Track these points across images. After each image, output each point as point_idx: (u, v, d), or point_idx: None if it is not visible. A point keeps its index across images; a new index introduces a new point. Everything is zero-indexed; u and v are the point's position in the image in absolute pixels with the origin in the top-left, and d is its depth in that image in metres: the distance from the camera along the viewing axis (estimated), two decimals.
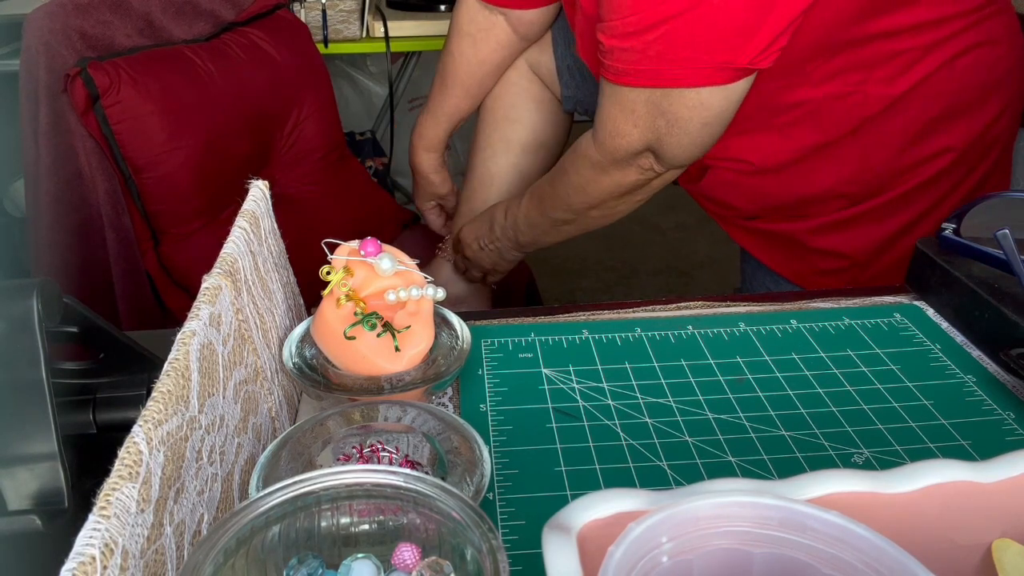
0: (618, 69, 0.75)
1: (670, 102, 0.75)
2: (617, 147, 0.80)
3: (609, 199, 0.88)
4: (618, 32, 0.73)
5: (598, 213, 0.91)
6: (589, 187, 0.87)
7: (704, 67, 0.72)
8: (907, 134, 0.84)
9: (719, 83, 0.73)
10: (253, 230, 0.51)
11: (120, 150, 1.01)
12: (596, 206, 0.89)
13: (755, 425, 0.54)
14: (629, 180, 0.84)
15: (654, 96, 0.75)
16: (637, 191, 0.86)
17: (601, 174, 0.85)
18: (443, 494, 0.34)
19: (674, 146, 0.78)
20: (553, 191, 0.92)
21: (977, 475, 0.34)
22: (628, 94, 0.76)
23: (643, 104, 0.76)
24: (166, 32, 1.12)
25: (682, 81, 0.73)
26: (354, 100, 2.05)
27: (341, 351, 0.53)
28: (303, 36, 1.31)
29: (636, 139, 0.78)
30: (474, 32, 1.05)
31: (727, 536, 0.30)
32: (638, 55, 0.73)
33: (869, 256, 0.91)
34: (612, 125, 0.79)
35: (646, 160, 0.81)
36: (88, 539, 0.28)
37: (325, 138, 1.32)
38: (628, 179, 0.84)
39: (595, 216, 0.91)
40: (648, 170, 0.82)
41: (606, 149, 0.81)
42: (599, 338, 0.63)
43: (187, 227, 1.11)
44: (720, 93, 0.74)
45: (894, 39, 0.80)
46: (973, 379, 0.58)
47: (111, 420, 0.49)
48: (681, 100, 0.74)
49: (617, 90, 0.77)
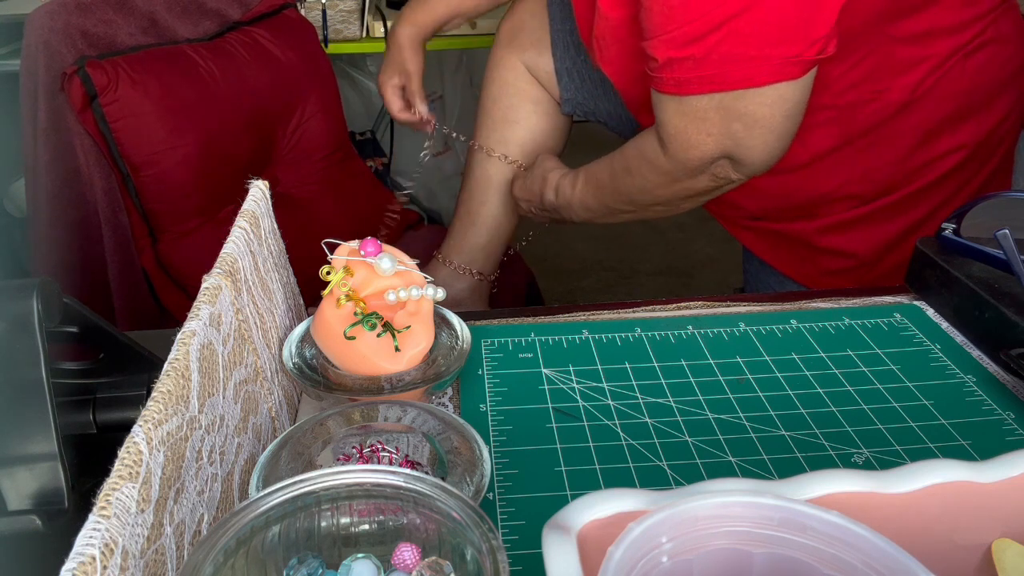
0: (680, 79, 0.73)
1: (745, 103, 0.73)
2: (690, 158, 0.78)
3: (675, 201, 0.86)
4: (676, 42, 0.71)
5: (662, 209, 0.89)
6: (656, 191, 0.85)
7: (774, 63, 0.70)
8: (920, 133, 0.85)
9: (790, 78, 0.71)
10: (253, 230, 0.51)
11: (118, 148, 1.01)
12: (658, 205, 0.88)
13: (755, 425, 0.54)
14: (700, 187, 0.82)
15: (725, 100, 0.73)
16: (707, 194, 0.85)
17: (672, 182, 0.83)
18: (443, 494, 0.34)
19: (758, 146, 0.75)
20: (613, 186, 0.90)
21: (977, 475, 0.34)
22: (695, 103, 0.74)
23: (714, 110, 0.74)
24: (170, 31, 1.12)
25: (751, 81, 0.71)
26: (354, 100, 2.05)
27: (341, 351, 0.53)
28: (309, 35, 1.31)
29: (712, 148, 0.76)
30: None
31: (727, 536, 0.30)
32: (699, 61, 0.71)
33: (876, 255, 0.92)
34: (683, 137, 0.77)
35: (721, 168, 0.79)
36: (88, 539, 0.28)
37: (329, 138, 1.32)
38: (700, 185, 0.82)
39: (658, 211, 0.90)
40: (722, 178, 0.80)
41: (679, 161, 0.79)
42: (599, 338, 0.63)
43: (185, 225, 1.11)
44: (794, 86, 0.72)
45: (917, 44, 0.80)
46: (973, 379, 0.58)
47: (111, 420, 0.49)
48: (758, 99, 0.72)
49: (682, 101, 0.75)
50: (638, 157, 0.86)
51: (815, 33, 0.70)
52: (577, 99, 1.06)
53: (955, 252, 0.65)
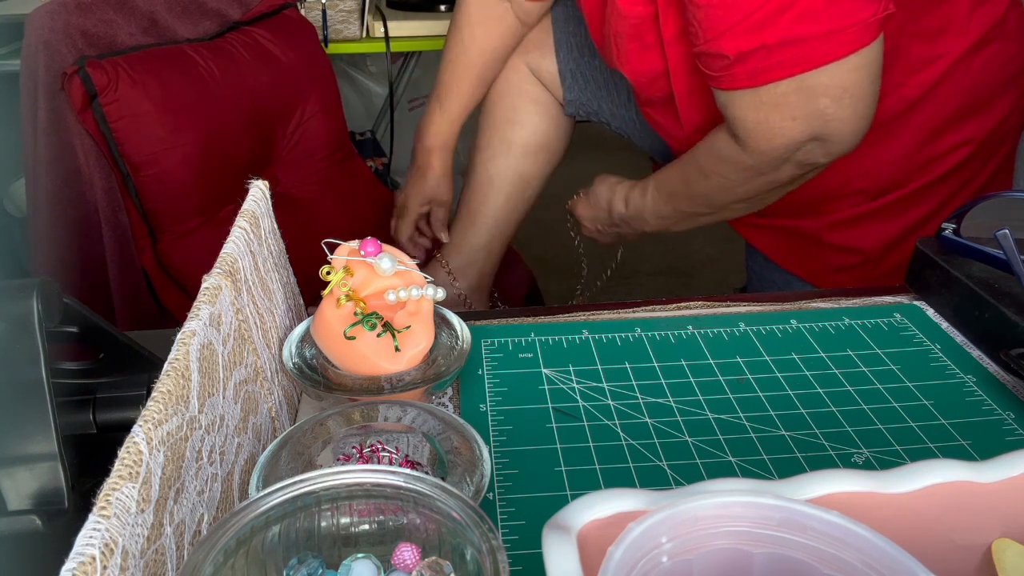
0: (754, 70, 0.71)
1: (829, 77, 0.70)
2: (776, 148, 0.76)
3: (759, 195, 0.84)
4: (743, 32, 0.70)
5: (743, 207, 0.87)
6: (738, 188, 0.83)
7: (850, 31, 0.68)
8: (927, 129, 0.85)
9: (868, 42, 0.69)
10: (253, 230, 0.51)
11: (118, 148, 1.01)
12: (743, 200, 0.86)
13: (755, 425, 0.54)
14: (784, 177, 0.80)
15: (806, 80, 0.71)
16: (790, 184, 0.83)
17: (755, 176, 0.81)
18: (443, 494, 0.34)
19: (848, 119, 0.73)
20: (688, 191, 0.88)
21: (977, 475, 0.34)
22: (774, 90, 0.72)
23: (794, 93, 0.72)
24: (170, 31, 1.12)
25: (831, 54, 0.69)
26: (354, 100, 2.05)
27: (341, 351, 0.53)
28: (309, 35, 1.31)
29: (798, 132, 0.74)
30: (485, 20, 1.04)
31: (727, 536, 0.30)
32: (772, 48, 0.69)
33: (881, 252, 0.92)
34: (766, 128, 0.75)
35: (808, 153, 0.76)
36: (88, 539, 0.28)
37: (329, 138, 1.32)
38: (784, 176, 0.80)
39: (738, 209, 0.88)
40: (808, 164, 0.78)
41: (762, 153, 0.77)
42: (599, 338, 0.63)
43: (185, 225, 1.11)
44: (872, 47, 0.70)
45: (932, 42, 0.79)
46: (973, 379, 0.58)
47: (111, 420, 0.49)
48: (843, 68, 0.70)
49: (758, 92, 0.73)
50: (713, 158, 0.83)
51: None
52: (581, 100, 1.06)
53: (955, 252, 0.65)
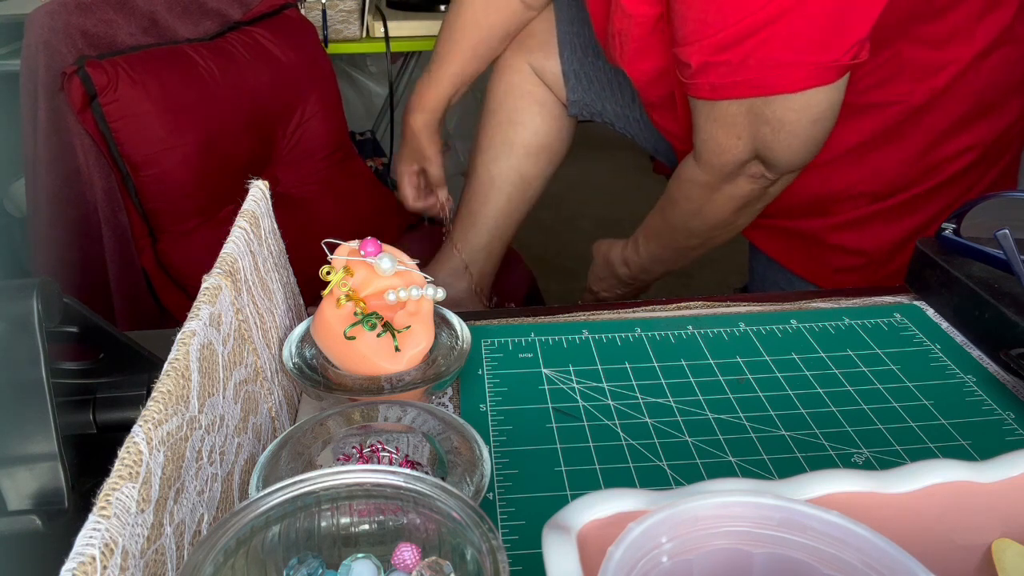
0: (714, 84, 0.73)
1: (773, 109, 0.73)
2: (724, 163, 0.78)
3: (727, 215, 0.86)
4: (710, 47, 0.71)
5: (721, 233, 0.89)
6: (704, 210, 0.85)
7: (809, 68, 0.70)
8: (935, 133, 0.85)
9: (825, 83, 0.71)
10: (253, 230, 0.51)
11: (118, 148, 1.01)
12: (717, 226, 0.88)
13: (755, 425, 0.54)
14: (743, 192, 0.82)
15: (755, 105, 0.73)
16: (755, 201, 0.85)
17: (713, 192, 0.83)
18: (443, 494, 0.34)
19: (784, 150, 0.76)
20: (667, 224, 0.90)
21: (977, 475, 0.34)
22: (727, 108, 0.74)
23: (744, 115, 0.74)
24: (171, 31, 1.12)
25: (787, 86, 0.71)
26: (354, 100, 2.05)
27: (341, 351, 0.53)
28: (310, 35, 1.31)
29: (741, 150, 0.76)
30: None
31: (727, 536, 0.30)
32: (735, 67, 0.71)
33: (886, 254, 0.92)
34: (713, 143, 0.77)
35: (755, 168, 0.79)
36: (88, 539, 0.28)
37: (329, 138, 1.32)
38: (741, 191, 0.82)
39: (719, 235, 0.90)
40: (760, 177, 0.80)
41: (712, 167, 0.79)
42: (599, 338, 0.63)
43: (185, 225, 1.11)
44: (825, 92, 0.72)
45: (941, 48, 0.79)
46: (973, 379, 0.58)
47: (111, 420, 0.49)
48: (786, 104, 0.72)
49: (714, 106, 0.75)
50: (677, 182, 0.86)
51: (851, 38, 0.69)
52: (584, 101, 1.06)
53: (955, 252, 0.65)
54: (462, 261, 1.10)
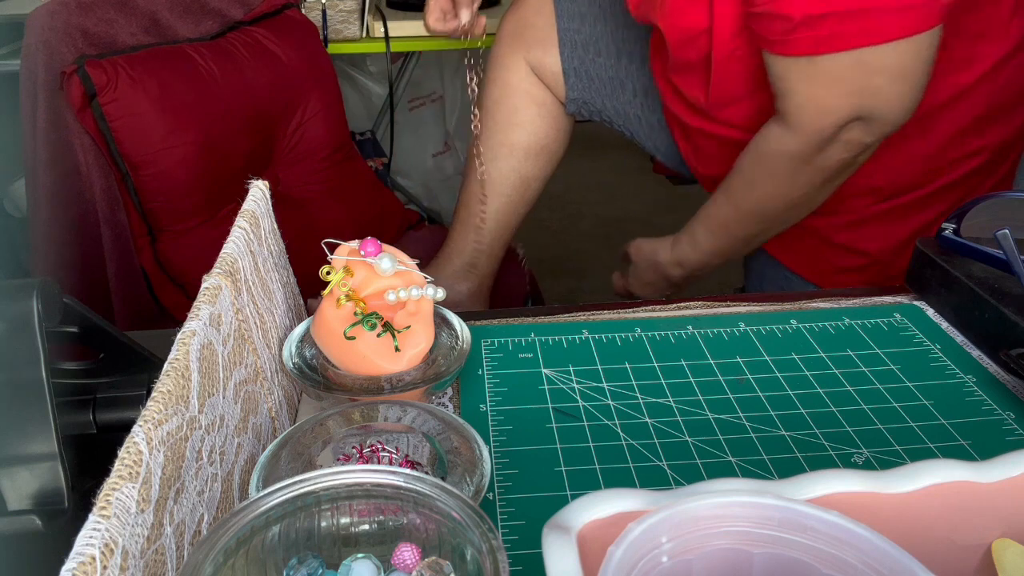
0: (819, 37, 0.70)
1: (887, 55, 0.70)
2: (824, 126, 0.75)
3: (811, 190, 0.83)
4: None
5: (796, 213, 0.87)
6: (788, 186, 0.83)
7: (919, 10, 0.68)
8: (953, 131, 0.85)
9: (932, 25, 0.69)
10: (253, 230, 0.51)
11: (117, 147, 1.01)
12: (797, 204, 0.85)
13: (755, 425, 0.54)
14: (832, 162, 0.79)
15: (865, 56, 0.70)
16: (844, 171, 0.82)
17: (803, 165, 0.80)
18: (443, 494, 0.34)
19: (896, 101, 0.73)
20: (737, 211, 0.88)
21: (977, 475, 0.34)
22: (831, 63, 0.71)
23: (851, 68, 0.71)
24: (172, 31, 1.12)
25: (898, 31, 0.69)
26: (354, 100, 2.05)
27: (341, 351, 0.53)
28: (311, 35, 1.31)
29: (846, 109, 0.74)
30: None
31: (727, 536, 0.30)
32: (843, 16, 0.68)
33: (889, 255, 0.92)
34: (814, 104, 0.74)
35: (855, 131, 0.76)
36: (88, 539, 0.28)
37: (330, 138, 1.32)
38: (832, 160, 0.79)
39: (793, 216, 0.88)
40: (856, 144, 0.77)
41: (810, 132, 0.76)
42: (599, 338, 0.63)
43: (184, 224, 1.11)
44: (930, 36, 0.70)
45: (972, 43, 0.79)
46: (973, 379, 0.58)
47: (111, 420, 0.49)
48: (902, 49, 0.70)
49: (815, 63, 0.72)
50: (756, 158, 0.83)
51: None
52: (583, 99, 1.06)
53: (955, 252, 0.65)
54: (462, 261, 1.10)
